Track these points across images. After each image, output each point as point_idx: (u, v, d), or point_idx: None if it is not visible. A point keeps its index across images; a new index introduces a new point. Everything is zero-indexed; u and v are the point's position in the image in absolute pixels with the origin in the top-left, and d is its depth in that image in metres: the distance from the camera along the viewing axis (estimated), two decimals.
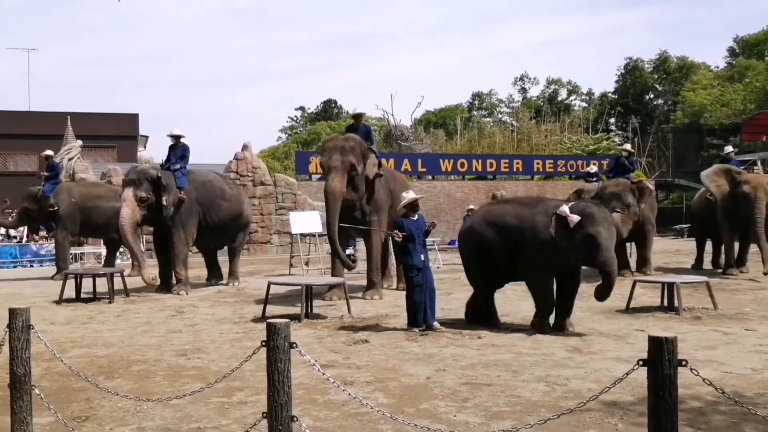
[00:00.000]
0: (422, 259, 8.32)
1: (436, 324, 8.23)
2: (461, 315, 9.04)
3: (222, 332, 8.43)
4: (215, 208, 12.84)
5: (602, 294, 7.91)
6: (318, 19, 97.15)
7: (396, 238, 8.33)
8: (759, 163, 21.61)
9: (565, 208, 7.78)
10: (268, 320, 3.58)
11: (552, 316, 8.20)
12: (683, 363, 2.79)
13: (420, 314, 8.22)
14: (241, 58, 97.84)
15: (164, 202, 11.90)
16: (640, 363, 2.90)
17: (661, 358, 2.74)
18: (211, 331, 8.50)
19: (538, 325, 8.13)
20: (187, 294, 11.97)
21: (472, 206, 15.02)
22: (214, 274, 13.95)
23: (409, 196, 8.64)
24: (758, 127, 28.59)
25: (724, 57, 51.40)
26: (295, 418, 3.52)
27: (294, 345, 3.54)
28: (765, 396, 5.36)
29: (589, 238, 7.65)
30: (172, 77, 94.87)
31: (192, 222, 12.45)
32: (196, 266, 14.23)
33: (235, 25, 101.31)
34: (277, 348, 3.48)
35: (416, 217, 8.56)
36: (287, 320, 3.57)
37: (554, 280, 8.16)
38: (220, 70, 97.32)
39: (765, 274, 12.88)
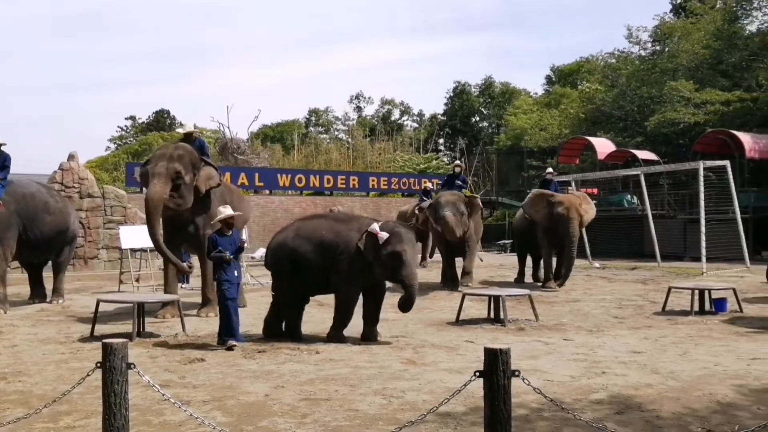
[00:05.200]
0: (236, 274, 8.48)
1: (233, 341, 8.21)
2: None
3: (46, 353, 7.96)
4: (38, 222, 12.08)
5: (405, 305, 8.45)
6: (153, 29, 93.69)
7: (225, 258, 8.30)
8: (573, 183, 23.04)
9: (375, 227, 8.31)
10: (104, 340, 3.47)
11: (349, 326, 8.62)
12: (516, 373, 2.96)
13: (236, 327, 8.28)
14: (69, 65, 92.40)
15: None
16: (477, 374, 3.05)
17: (497, 370, 2.89)
18: (33, 352, 8.01)
19: (336, 337, 8.50)
20: (5, 312, 11.18)
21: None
22: (37, 293, 13.08)
23: (226, 211, 8.67)
24: (572, 151, 30.59)
25: (542, 84, 54.75)
26: None
27: (132, 366, 3.45)
28: (582, 401, 5.77)
29: (395, 254, 8.20)
30: None
31: (11, 236, 11.66)
32: (16, 283, 13.38)
33: (64, 30, 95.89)
34: (113, 369, 3.38)
35: (230, 233, 8.63)
36: (125, 340, 3.48)
37: (362, 293, 8.60)
38: (44, 76, 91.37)
39: (560, 286, 14.43)
